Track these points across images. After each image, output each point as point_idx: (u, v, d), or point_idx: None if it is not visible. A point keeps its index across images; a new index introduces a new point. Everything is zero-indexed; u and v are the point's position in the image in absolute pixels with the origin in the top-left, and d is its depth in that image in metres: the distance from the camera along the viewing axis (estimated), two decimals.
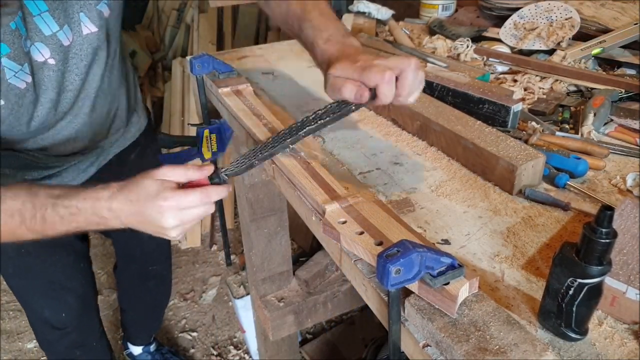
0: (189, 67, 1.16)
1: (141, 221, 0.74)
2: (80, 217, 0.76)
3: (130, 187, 0.74)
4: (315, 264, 1.65)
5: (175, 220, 0.73)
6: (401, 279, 0.53)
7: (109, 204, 0.74)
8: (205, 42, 2.68)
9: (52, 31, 0.89)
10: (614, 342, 0.56)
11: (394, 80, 0.72)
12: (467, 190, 0.82)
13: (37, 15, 0.86)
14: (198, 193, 0.73)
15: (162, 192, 0.72)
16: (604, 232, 0.49)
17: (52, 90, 0.95)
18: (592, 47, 1.24)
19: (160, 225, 0.73)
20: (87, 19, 0.94)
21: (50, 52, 0.90)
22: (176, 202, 0.72)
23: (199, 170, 0.76)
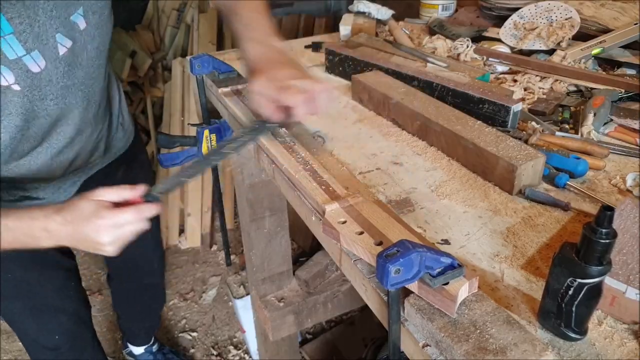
0: (189, 67, 1.16)
1: (78, 239, 0.77)
2: (6, 235, 0.78)
3: (67, 209, 0.76)
4: (315, 264, 1.65)
5: (111, 237, 0.76)
6: (401, 278, 0.53)
7: (45, 224, 0.77)
8: (205, 42, 2.68)
9: (17, 55, 0.83)
10: (614, 342, 0.56)
11: (307, 101, 0.80)
12: (467, 190, 0.82)
13: (2, 37, 0.81)
14: (132, 210, 0.76)
15: (98, 211, 0.75)
16: (604, 232, 0.49)
17: (16, 115, 0.89)
18: (592, 47, 1.24)
19: (97, 241, 0.76)
20: (62, 37, 0.89)
21: (15, 78, 0.85)
22: (112, 220, 0.75)
23: (132, 190, 0.79)
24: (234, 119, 1.07)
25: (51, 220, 0.77)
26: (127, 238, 0.78)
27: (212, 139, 1.20)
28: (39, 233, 0.77)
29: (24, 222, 0.78)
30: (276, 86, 0.81)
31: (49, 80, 0.91)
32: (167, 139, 1.21)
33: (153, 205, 0.79)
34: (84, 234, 0.76)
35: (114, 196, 0.77)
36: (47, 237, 0.77)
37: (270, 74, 0.82)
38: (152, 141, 2.74)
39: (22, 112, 0.90)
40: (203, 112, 1.24)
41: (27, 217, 0.78)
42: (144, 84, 2.77)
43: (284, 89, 0.81)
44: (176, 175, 0.83)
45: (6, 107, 0.88)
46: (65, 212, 0.76)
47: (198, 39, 2.69)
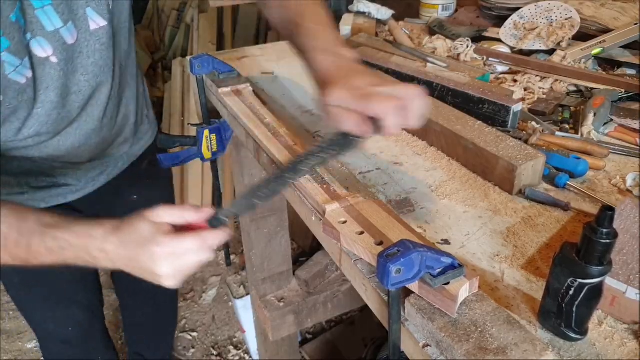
0: (189, 67, 1.16)
1: (134, 267, 0.70)
2: (69, 252, 0.71)
3: (124, 229, 0.70)
4: (315, 264, 1.65)
5: (170, 269, 0.68)
6: (401, 278, 0.53)
7: (102, 245, 0.70)
8: (205, 42, 2.68)
9: (55, 27, 0.83)
10: (614, 342, 0.56)
11: (399, 109, 0.66)
12: (467, 190, 0.82)
13: (40, 8, 0.80)
14: (195, 239, 0.68)
15: (155, 237, 0.67)
16: (605, 232, 0.49)
17: (53, 90, 0.88)
18: (592, 47, 1.24)
19: (154, 272, 0.68)
20: (94, 13, 0.88)
21: (53, 50, 0.84)
22: (171, 249, 0.67)
23: (196, 212, 0.71)
24: (234, 119, 1.07)
25: (107, 241, 0.70)
26: (189, 269, 0.69)
27: (212, 139, 1.20)
28: (96, 254, 0.70)
29: (83, 239, 0.71)
30: (359, 94, 0.68)
31: (80, 53, 0.89)
32: (167, 139, 1.21)
33: (220, 232, 0.70)
34: (140, 260, 0.68)
35: (176, 218, 0.70)
36: (105, 258, 0.70)
37: (349, 82, 0.70)
38: None
39: (58, 87, 0.88)
40: (203, 112, 1.24)
41: (86, 235, 0.71)
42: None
43: (368, 97, 0.67)
44: (247, 196, 0.73)
45: (43, 79, 0.86)
46: (122, 233, 0.69)
47: (198, 39, 2.69)
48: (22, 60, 0.81)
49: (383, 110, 0.66)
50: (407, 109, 0.66)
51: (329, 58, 0.76)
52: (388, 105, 0.66)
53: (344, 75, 0.71)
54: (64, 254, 0.71)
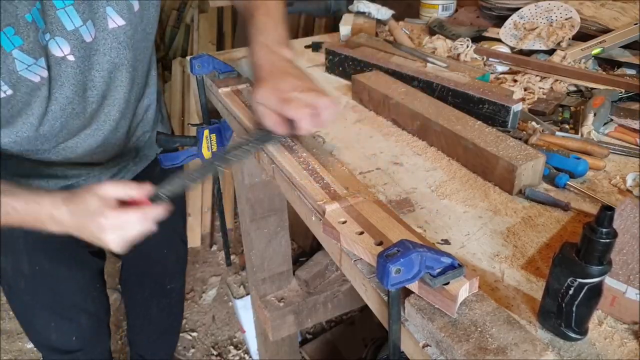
0: (189, 67, 1.16)
1: (83, 233, 0.77)
2: (14, 217, 0.78)
3: (73, 200, 0.76)
4: (315, 264, 1.65)
5: (115, 237, 0.75)
6: (401, 278, 0.53)
7: (51, 212, 0.77)
8: (205, 42, 2.68)
9: (74, 26, 0.86)
10: (614, 342, 0.56)
11: (312, 116, 0.78)
12: (467, 190, 0.82)
13: (61, 8, 0.83)
14: (137, 212, 0.75)
15: (103, 210, 0.74)
16: (605, 232, 0.49)
17: (68, 87, 0.91)
18: (592, 47, 1.24)
19: (101, 239, 0.76)
20: (114, 12, 0.91)
21: (71, 48, 0.87)
22: (115, 220, 0.74)
23: (139, 189, 0.78)
24: (234, 119, 1.07)
25: (57, 209, 0.77)
26: (132, 238, 0.77)
27: (212, 139, 1.20)
28: (45, 219, 0.77)
29: (30, 206, 0.78)
30: (280, 97, 0.79)
31: (97, 50, 0.91)
32: (167, 139, 1.21)
33: (159, 207, 0.78)
34: (89, 229, 0.76)
35: (120, 193, 0.77)
36: (54, 223, 0.77)
37: (274, 83, 0.81)
38: None
39: (74, 83, 0.91)
40: (203, 112, 1.24)
41: (34, 202, 0.78)
42: None
43: (287, 101, 0.79)
44: (180, 178, 0.81)
45: (59, 78, 0.88)
46: (72, 204, 0.76)
47: (198, 39, 2.69)
48: (36, 59, 0.84)
49: (298, 115, 0.78)
50: (319, 116, 0.79)
51: (266, 55, 0.85)
52: (303, 112, 0.78)
53: (274, 75, 0.82)
54: (8, 218, 0.78)
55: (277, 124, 0.81)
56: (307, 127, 0.80)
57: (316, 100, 0.79)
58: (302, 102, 0.78)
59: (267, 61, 0.85)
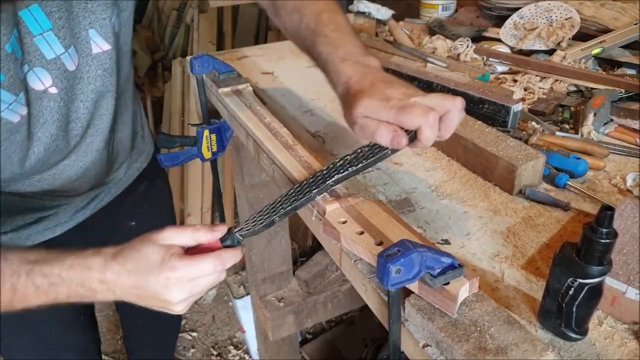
0: (189, 67, 1.16)
1: (141, 295, 0.64)
2: (62, 287, 0.64)
3: (127, 254, 0.63)
4: (315, 264, 1.65)
5: (184, 294, 0.63)
6: (401, 278, 0.53)
7: (102, 275, 0.63)
8: (205, 42, 2.68)
9: (55, 54, 0.75)
10: (614, 342, 0.56)
11: (438, 123, 0.63)
12: (467, 190, 0.82)
13: (39, 35, 0.72)
14: (211, 260, 0.63)
15: (168, 261, 0.62)
16: (605, 232, 0.49)
17: (52, 123, 0.79)
18: (592, 47, 1.24)
19: (165, 299, 0.63)
20: (98, 36, 0.81)
21: (52, 80, 0.76)
22: (186, 273, 0.62)
23: (209, 232, 0.66)
24: (234, 119, 1.07)
25: (108, 268, 0.63)
26: (201, 293, 0.65)
27: (212, 139, 1.20)
28: (95, 285, 0.63)
29: (78, 272, 0.64)
30: (394, 105, 0.63)
31: (80, 78, 0.82)
32: (167, 139, 1.21)
33: (235, 251, 0.66)
34: (150, 288, 0.62)
35: (187, 239, 0.65)
36: (105, 289, 0.63)
37: (382, 92, 0.65)
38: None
39: (58, 118, 0.80)
40: (203, 112, 1.24)
41: (82, 266, 0.64)
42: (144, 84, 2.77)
43: (406, 108, 0.62)
44: (265, 213, 0.68)
45: (41, 115, 0.77)
46: (125, 259, 0.63)
47: (198, 39, 2.69)
48: (17, 95, 0.73)
49: (421, 122, 0.62)
50: (444, 122, 0.64)
51: (353, 67, 0.71)
52: (427, 118, 0.62)
53: (372, 84, 0.67)
54: (56, 291, 0.64)
55: (398, 135, 0.63)
56: (432, 136, 0.63)
57: (443, 103, 0.64)
58: (427, 107, 0.63)
59: (361, 75, 0.70)
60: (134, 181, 1.16)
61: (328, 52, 0.75)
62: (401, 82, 0.69)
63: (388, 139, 0.64)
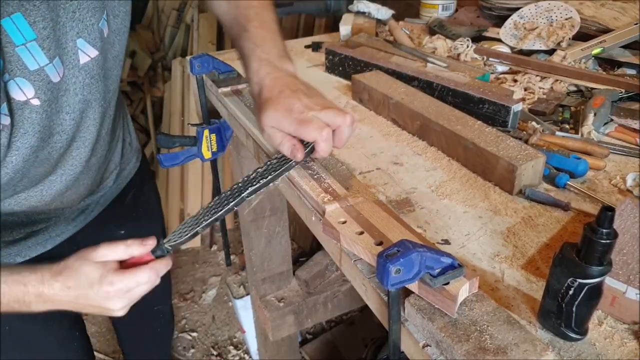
0: (189, 67, 1.16)
1: (82, 305, 0.70)
2: None
3: (67, 274, 0.69)
4: (315, 264, 1.65)
5: (123, 302, 0.70)
6: (401, 278, 0.53)
7: (39, 290, 0.69)
8: (205, 42, 2.68)
9: (39, 65, 0.71)
10: (614, 342, 0.56)
11: (331, 137, 0.72)
12: (467, 190, 0.82)
13: (21, 45, 0.68)
14: (147, 271, 0.69)
15: (106, 277, 0.68)
16: (605, 232, 0.49)
17: (33, 135, 0.76)
18: (592, 47, 1.24)
19: (107, 308, 0.70)
20: (85, 44, 0.77)
21: (35, 91, 0.72)
22: (123, 285, 0.68)
23: (140, 245, 0.71)
24: (234, 119, 1.07)
25: (47, 285, 0.69)
26: (138, 298, 0.71)
27: (212, 139, 1.20)
28: (31, 299, 0.69)
29: (14, 287, 0.69)
30: (295, 119, 0.71)
31: (66, 90, 0.78)
32: (167, 139, 1.21)
33: (165, 260, 0.72)
34: (91, 300, 0.69)
35: (120, 253, 0.70)
36: (41, 302, 0.69)
37: (286, 104, 0.72)
38: (152, 141, 2.74)
39: (39, 130, 0.77)
40: (203, 112, 1.24)
41: (19, 282, 0.69)
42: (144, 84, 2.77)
43: (305, 122, 0.71)
44: (188, 225, 0.73)
45: (21, 125, 0.74)
46: (66, 278, 0.68)
47: (198, 39, 2.69)
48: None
49: (316, 136, 0.71)
50: (336, 135, 0.73)
51: (267, 69, 0.77)
52: (322, 133, 0.70)
53: (279, 92, 0.74)
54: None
55: (296, 149, 0.73)
56: (327, 148, 0.72)
57: (335, 119, 0.72)
58: (321, 122, 0.71)
59: (272, 79, 0.76)
60: (122, 190, 1.16)
61: (248, 48, 0.81)
62: (306, 90, 0.76)
63: (289, 151, 0.74)
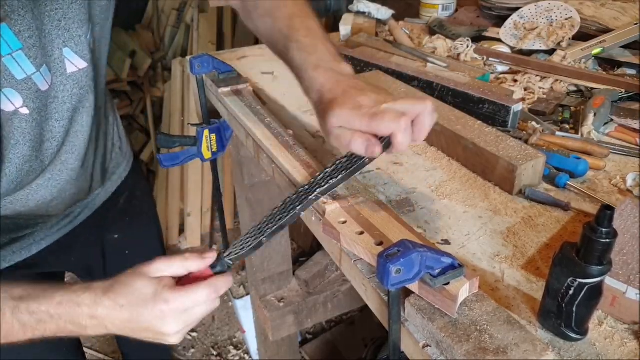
0: (189, 67, 1.16)
1: (135, 329, 0.63)
2: (50, 324, 0.63)
3: (119, 290, 0.62)
4: (315, 264, 1.65)
5: (179, 325, 0.63)
6: (401, 278, 0.53)
7: (92, 311, 0.62)
8: (205, 42, 2.67)
9: (26, 74, 0.71)
10: (614, 342, 0.56)
11: (410, 127, 0.64)
12: (467, 190, 0.82)
13: (7, 55, 0.68)
14: (205, 289, 0.62)
15: (161, 294, 0.61)
16: (605, 232, 0.49)
17: (24, 144, 0.76)
18: (592, 47, 1.24)
19: (161, 331, 0.63)
20: (72, 54, 0.77)
21: (23, 100, 0.72)
22: (179, 304, 0.61)
23: (199, 259, 0.65)
24: (234, 119, 1.07)
25: (99, 304, 0.62)
26: (196, 322, 0.64)
27: (212, 139, 1.20)
28: (86, 321, 0.63)
29: (67, 308, 0.63)
30: (366, 114, 0.64)
31: (55, 98, 0.78)
32: (167, 139, 1.21)
33: (226, 277, 0.65)
34: (145, 322, 0.62)
35: (177, 269, 0.64)
36: (96, 325, 0.63)
37: (352, 100, 0.66)
38: (152, 141, 2.74)
39: (30, 139, 0.77)
40: (203, 112, 1.24)
41: (73, 302, 0.63)
42: (144, 84, 2.76)
43: (377, 115, 0.63)
44: (252, 235, 0.67)
45: (12, 136, 0.74)
46: (117, 295, 0.62)
47: (198, 39, 2.69)
48: None
49: (394, 128, 0.63)
50: (416, 125, 0.65)
51: (325, 74, 0.72)
52: (399, 123, 0.62)
53: (344, 93, 0.67)
54: (43, 328, 0.63)
55: (372, 144, 0.64)
56: (406, 141, 0.64)
57: (415, 107, 0.64)
58: (398, 113, 0.63)
59: (333, 83, 0.70)
60: (113, 194, 1.13)
61: (300, 58, 0.75)
62: (373, 88, 0.69)
63: (363, 148, 0.65)
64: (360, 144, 0.65)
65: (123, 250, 1.20)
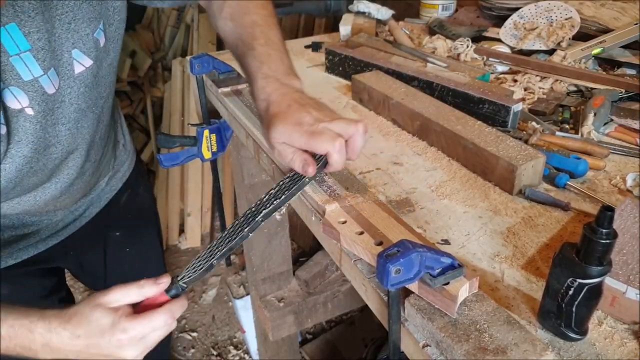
0: (189, 67, 1.16)
1: (92, 354, 0.65)
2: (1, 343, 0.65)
3: (77, 322, 0.64)
4: (315, 264, 1.65)
5: (138, 349, 0.65)
6: (401, 278, 0.53)
7: (46, 339, 0.64)
8: (205, 42, 2.67)
9: (33, 76, 0.71)
10: (614, 342, 0.56)
11: (344, 148, 0.70)
12: (467, 190, 0.82)
13: (15, 55, 0.68)
14: (162, 315, 0.64)
15: (118, 324, 0.63)
16: (604, 232, 0.49)
17: (26, 145, 0.77)
18: (592, 47, 1.24)
19: (120, 358, 0.65)
20: (81, 54, 0.78)
21: (29, 101, 0.73)
22: (137, 332, 0.63)
23: (154, 285, 0.66)
24: (234, 119, 1.07)
25: (55, 334, 0.64)
26: (153, 345, 0.66)
27: (212, 139, 1.20)
28: (38, 348, 0.64)
29: (19, 332, 0.64)
30: (305, 132, 0.69)
31: (62, 102, 0.79)
32: (167, 139, 1.21)
33: (181, 300, 0.67)
34: (103, 350, 0.63)
35: (134, 297, 0.65)
36: (48, 351, 0.65)
37: (295, 117, 0.70)
38: (152, 141, 2.74)
39: (33, 141, 0.78)
40: (203, 112, 1.24)
41: (25, 328, 0.64)
42: (144, 84, 2.77)
43: (315, 135, 0.68)
44: (203, 259, 0.69)
45: (16, 133, 0.75)
46: (75, 326, 0.63)
47: (198, 39, 2.69)
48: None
49: (329, 148, 0.68)
50: (349, 145, 0.71)
51: (274, 84, 0.76)
52: (334, 145, 0.68)
53: (288, 107, 0.72)
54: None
55: (307, 164, 0.70)
56: (340, 160, 0.70)
57: (348, 128, 0.70)
58: (334, 134, 0.69)
59: (279, 95, 0.74)
60: (117, 191, 1.14)
61: (254, 66, 0.79)
62: (314, 104, 0.73)
63: (300, 167, 0.71)
64: (299, 162, 0.71)
65: (124, 247, 1.22)
